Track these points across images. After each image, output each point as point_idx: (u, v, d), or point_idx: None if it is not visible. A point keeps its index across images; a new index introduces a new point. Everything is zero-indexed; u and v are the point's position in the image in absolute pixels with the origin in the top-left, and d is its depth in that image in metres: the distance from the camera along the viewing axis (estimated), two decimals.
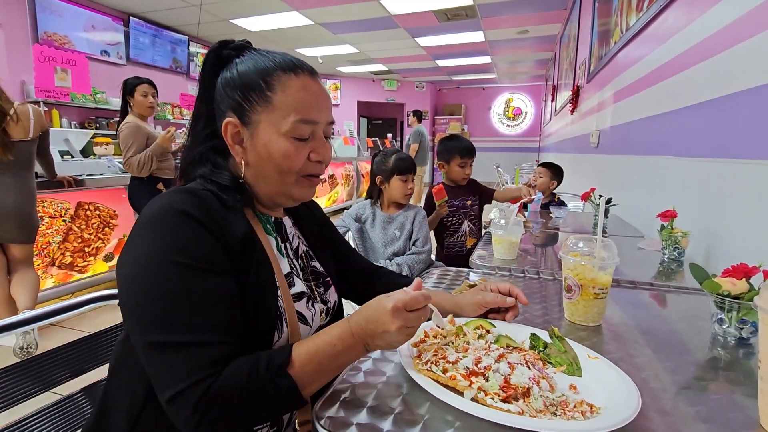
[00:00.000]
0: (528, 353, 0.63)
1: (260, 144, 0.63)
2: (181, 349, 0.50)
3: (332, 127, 0.70)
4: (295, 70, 0.64)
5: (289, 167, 0.64)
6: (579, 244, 0.82)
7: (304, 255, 0.76)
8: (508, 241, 1.25)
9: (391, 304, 0.53)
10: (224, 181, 0.63)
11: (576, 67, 4.65)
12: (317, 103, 0.65)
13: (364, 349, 0.56)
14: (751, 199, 1.11)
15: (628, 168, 2.33)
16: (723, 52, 1.30)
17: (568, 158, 4.97)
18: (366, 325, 0.55)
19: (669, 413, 0.53)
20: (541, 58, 8.42)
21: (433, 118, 11.47)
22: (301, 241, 0.77)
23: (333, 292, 0.78)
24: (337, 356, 0.55)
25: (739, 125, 1.19)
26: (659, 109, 1.84)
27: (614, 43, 2.81)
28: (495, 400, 0.50)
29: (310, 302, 0.70)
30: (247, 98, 0.63)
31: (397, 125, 11.99)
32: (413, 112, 6.77)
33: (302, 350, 0.55)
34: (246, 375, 0.51)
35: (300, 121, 0.63)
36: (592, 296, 0.78)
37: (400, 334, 0.54)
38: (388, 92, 11.05)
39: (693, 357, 0.69)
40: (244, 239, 0.60)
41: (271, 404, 0.52)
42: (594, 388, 0.55)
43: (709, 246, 1.29)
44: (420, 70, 9.76)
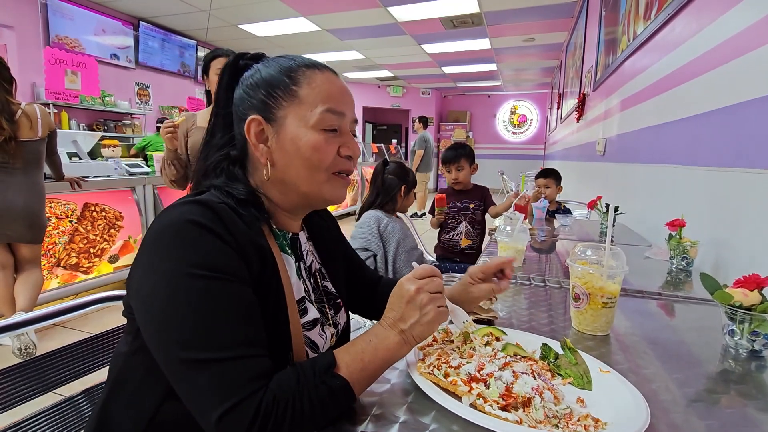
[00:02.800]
0: (536, 363, 0.62)
1: (287, 140, 0.61)
2: (221, 365, 0.47)
3: (355, 124, 0.67)
4: (319, 66, 0.64)
5: (319, 161, 0.61)
6: (587, 252, 0.81)
7: (318, 274, 0.73)
8: (514, 248, 1.24)
9: (403, 279, 0.57)
10: (240, 194, 0.60)
11: (582, 75, 4.65)
12: (343, 96, 0.64)
13: (401, 339, 0.55)
14: (761, 209, 1.10)
15: (634, 176, 2.31)
16: (731, 62, 1.29)
17: (574, 166, 4.95)
18: (391, 312, 0.57)
19: (679, 427, 0.52)
20: (546, 65, 8.43)
21: (438, 125, 11.49)
22: (315, 259, 0.74)
23: (343, 314, 0.76)
24: (376, 351, 0.54)
25: (747, 135, 1.18)
26: (666, 118, 1.83)
27: (621, 52, 2.80)
28: (494, 407, 0.49)
29: (322, 327, 0.68)
30: (271, 95, 0.61)
31: (402, 131, 12.03)
32: (419, 118, 6.78)
33: (342, 353, 0.54)
34: (296, 382, 0.49)
35: (328, 111, 0.61)
36: (600, 305, 0.77)
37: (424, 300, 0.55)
38: (393, 98, 11.10)
39: (703, 369, 0.68)
40: (263, 255, 0.57)
41: (327, 406, 0.50)
42: (603, 402, 0.54)
43: (718, 256, 1.27)
44: (426, 77, 9.80)
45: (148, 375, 0.56)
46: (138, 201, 3.15)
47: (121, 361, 0.60)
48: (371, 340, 0.55)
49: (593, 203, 1.95)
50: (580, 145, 4.59)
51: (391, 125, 12.25)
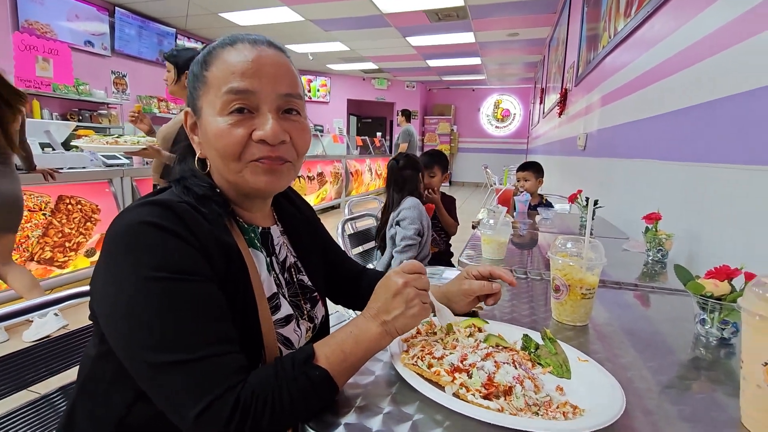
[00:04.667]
0: (517, 353, 0.63)
1: (204, 130, 0.59)
2: (194, 365, 0.46)
3: (295, 102, 0.60)
4: (234, 42, 0.58)
5: (225, 150, 0.56)
6: (567, 245, 0.82)
7: (293, 268, 0.72)
8: (496, 242, 1.26)
9: (391, 272, 0.57)
10: (200, 190, 0.58)
11: (564, 71, 4.71)
12: (255, 70, 0.56)
13: (383, 330, 0.54)
14: (732, 203, 1.14)
15: (613, 171, 2.37)
16: (705, 60, 1.32)
17: (556, 160, 5.03)
18: (375, 303, 0.56)
19: (653, 412, 0.54)
20: (530, 60, 8.51)
21: (423, 118, 11.51)
22: (290, 252, 0.72)
23: (321, 308, 0.75)
24: (357, 341, 0.54)
25: (718, 131, 1.22)
26: (644, 114, 1.88)
27: (602, 48, 2.85)
28: (476, 396, 0.50)
29: (297, 323, 0.67)
30: (193, 84, 0.60)
31: (387, 124, 12.00)
32: (402, 112, 6.76)
33: (322, 345, 0.54)
34: (274, 375, 0.49)
35: (229, 92, 0.55)
36: (579, 296, 0.79)
37: (410, 295, 0.55)
38: (378, 91, 11.05)
39: (676, 357, 0.71)
40: (227, 252, 0.56)
41: (309, 398, 0.49)
42: (581, 390, 0.56)
43: (692, 248, 1.31)
44: (410, 70, 9.78)
45: (117, 378, 0.54)
46: (115, 193, 3.07)
47: (89, 363, 0.58)
48: (352, 331, 0.55)
49: (573, 197, 1.99)
50: (561, 140, 4.66)
51: (376, 118, 12.20)
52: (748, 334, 0.50)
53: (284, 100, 0.59)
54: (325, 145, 6.98)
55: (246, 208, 0.66)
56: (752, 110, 1.07)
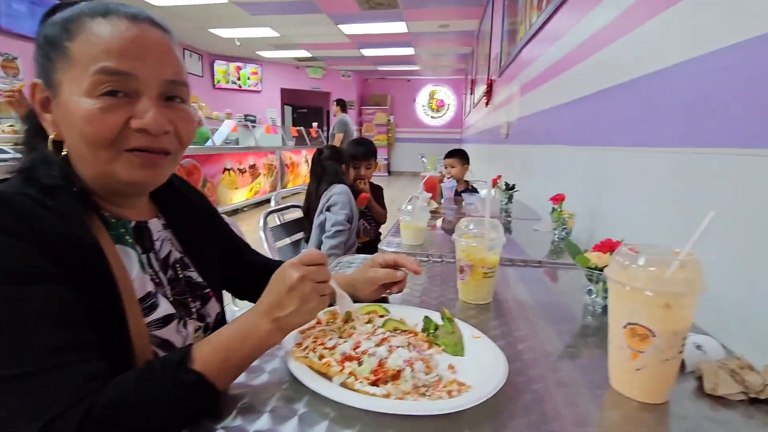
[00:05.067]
0: (416, 336, 0.64)
1: (64, 110, 0.51)
2: (32, 379, 0.41)
3: (181, 89, 0.56)
4: (107, 13, 0.51)
5: (95, 136, 0.50)
6: (470, 227, 0.84)
7: (178, 264, 0.66)
8: (414, 227, 1.27)
9: (288, 263, 0.53)
10: (48, 180, 0.50)
11: (490, 62, 4.91)
12: (137, 51, 0.51)
13: (275, 327, 0.51)
14: (621, 182, 1.25)
15: (531, 157, 2.51)
16: (600, 51, 1.43)
17: (485, 148, 5.25)
18: (268, 297, 0.52)
19: (536, 381, 0.56)
20: (461, 52, 8.77)
21: (360, 108, 11.45)
22: (174, 248, 0.66)
23: (214, 305, 0.70)
24: (244, 340, 0.50)
25: (613, 116, 1.33)
26: (555, 102, 2.00)
27: (520, 40, 2.99)
28: (364, 384, 0.49)
29: (181, 323, 0.61)
30: (47, 55, 0.52)
31: (324, 114, 11.78)
32: (337, 102, 6.67)
33: (203, 344, 0.49)
34: (136, 381, 0.44)
35: (101, 72, 0.49)
36: (481, 275, 0.81)
37: (306, 290, 0.51)
38: (313, 80, 10.78)
39: (567, 326, 0.75)
40: (82, 250, 0.49)
41: (179, 403, 0.44)
42: (470, 366, 0.57)
43: (592, 225, 1.42)
44: (345, 59, 9.65)
45: None
46: None
47: None
48: (239, 328, 0.51)
49: (494, 182, 2.08)
50: (488, 129, 4.87)
51: (312, 108, 11.92)
52: (611, 299, 0.53)
53: (168, 87, 0.54)
54: (257, 136, 6.69)
55: (114, 201, 0.58)
56: (639, 96, 1.17)
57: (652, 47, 1.08)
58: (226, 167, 5.17)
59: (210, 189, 4.84)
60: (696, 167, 0.89)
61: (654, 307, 0.48)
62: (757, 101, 0.71)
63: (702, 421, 0.49)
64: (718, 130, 0.82)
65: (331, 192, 1.92)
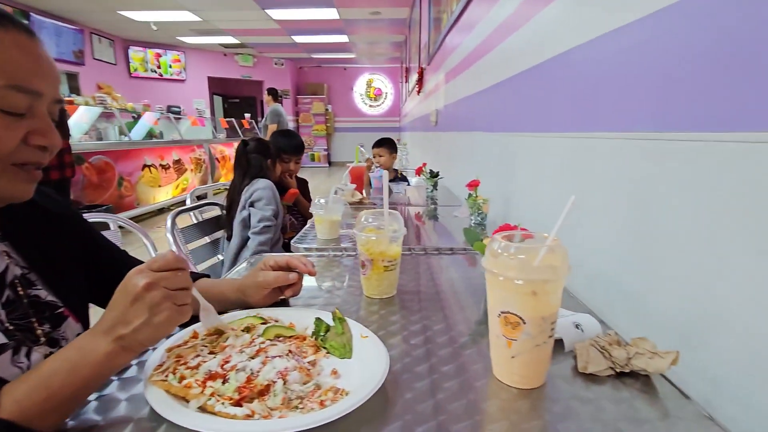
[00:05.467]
0: (302, 341, 0.60)
1: None
2: None
3: (59, 107, 0.54)
4: (3, 23, 0.48)
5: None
6: (369, 219, 0.81)
7: (19, 282, 0.57)
8: (328, 221, 1.22)
9: (134, 270, 0.47)
10: None
11: (420, 50, 4.94)
12: (40, 69, 0.50)
13: (118, 347, 0.44)
14: (528, 167, 1.29)
15: (455, 144, 2.56)
16: (508, 39, 1.46)
17: (418, 136, 5.32)
18: (110, 312, 0.45)
19: (421, 377, 0.55)
20: (395, 40, 8.76)
21: (296, 98, 11.09)
22: (14, 263, 0.57)
23: (73, 325, 0.61)
24: (75, 370, 0.43)
25: (519, 102, 1.36)
26: (472, 90, 2.04)
27: (444, 28, 3.02)
28: (225, 405, 0.44)
29: (21, 353, 0.52)
30: None
31: (257, 104, 11.25)
32: (268, 91, 6.38)
33: (19, 382, 0.42)
34: None
35: (12, 88, 0.47)
36: (382, 269, 0.79)
37: (156, 299, 0.45)
38: (243, 68, 10.24)
39: (464, 315, 0.75)
40: None
41: None
42: (354, 369, 0.54)
43: (506, 210, 1.47)
44: (276, 46, 9.24)
45: None
46: None
47: None
48: (69, 357, 0.44)
49: (419, 170, 2.09)
50: (421, 117, 4.93)
51: (244, 98, 11.34)
52: (489, 290, 0.53)
53: (55, 107, 0.53)
54: (183, 129, 6.23)
55: None
56: (538, 83, 1.20)
57: (548, 35, 1.12)
58: (145, 164, 4.76)
59: (128, 188, 4.44)
60: (585, 151, 0.92)
61: (522, 294, 0.48)
62: (637, 86, 0.75)
63: (572, 401, 0.50)
64: (603, 115, 0.85)
65: (253, 187, 1.81)
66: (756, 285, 0.50)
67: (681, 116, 0.62)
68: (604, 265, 0.83)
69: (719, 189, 0.55)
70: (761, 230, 0.49)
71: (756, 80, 0.49)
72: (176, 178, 5.43)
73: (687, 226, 0.61)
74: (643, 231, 0.72)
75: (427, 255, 1.13)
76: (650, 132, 0.69)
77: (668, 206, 0.65)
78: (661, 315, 0.67)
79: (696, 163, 0.59)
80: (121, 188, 4.33)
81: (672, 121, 0.64)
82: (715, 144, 0.55)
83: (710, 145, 0.56)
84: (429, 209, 1.86)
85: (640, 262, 0.73)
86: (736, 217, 0.52)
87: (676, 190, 0.63)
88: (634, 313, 0.74)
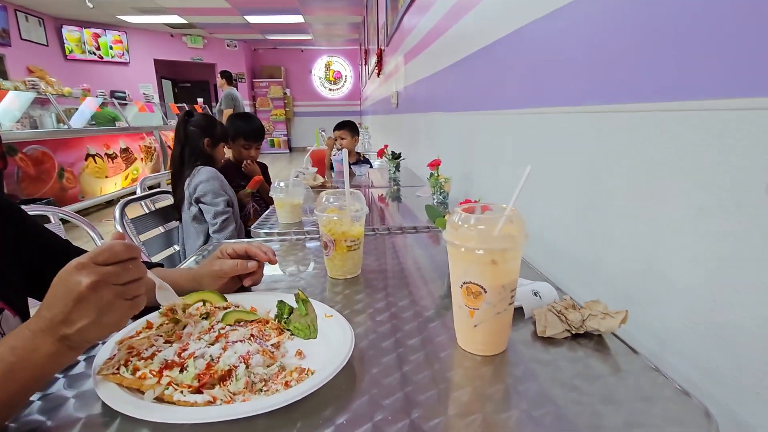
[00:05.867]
0: (265, 324, 0.58)
1: None
2: None
3: None
4: None
5: None
6: (330, 200, 0.80)
7: None
8: (289, 204, 1.19)
9: (74, 263, 0.41)
10: None
11: (378, 31, 4.86)
12: None
13: (63, 346, 0.41)
14: (486, 144, 1.31)
15: (416, 125, 2.56)
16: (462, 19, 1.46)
17: (380, 119, 5.28)
18: (49, 310, 0.41)
19: (387, 352, 0.55)
20: (352, 21, 8.57)
21: (252, 81, 10.67)
22: None
23: (10, 318, 0.56)
24: (13, 371, 0.39)
25: (475, 82, 1.38)
26: (431, 70, 2.03)
27: (401, 8, 2.98)
28: (184, 393, 0.42)
29: None
30: None
31: (211, 89, 10.73)
32: (222, 74, 6.07)
33: None
34: None
35: None
36: (345, 249, 0.78)
37: (104, 298, 0.41)
38: (193, 50, 9.68)
39: (428, 290, 0.76)
40: None
41: None
42: (320, 348, 0.53)
43: (467, 188, 1.49)
44: (228, 26, 8.79)
45: None
46: None
47: None
48: (4, 358, 0.40)
49: (381, 152, 2.08)
50: (382, 99, 4.89)
51: (196, 82, 10.76)
52: (451, 262, 0.53)
53: None
54: (129, 116, 5.83)
55: None
56: (490, 62, 1.21)
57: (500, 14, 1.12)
58: (89, 153, 4.43)
59: (70, 179, 4.12)
60: (538, 126, 0.95)
61: (483, 264, 0.49)
62: (584, 61, 0.77)
63: (531, 364, 0.52)
64: (554, 91, 0.87)
65: (195, 181, 1.62)
66: (693, 241, 0.53)
67: (625, 88, 0.64)
68: (559, 235, 0.87)
69: (661, 154, 0.58)
70: (699, 188, 0.52)
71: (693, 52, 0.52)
72: (125, 168, 5.11)
73: (633, 192, 0.64)
74: (593, 200, 0.75)
75: (391, 234, 1.13)
76: (597, 105, 0.72)
77: (616, 175, 0.68)
78: (612, 278, 0.70)
79: (640, 132, 0.62)
80: (63, 180, 4.02)
81: (617, 93, 0.66)
82: (657, 113, 0.58)
83: (653, 114, 0.59)
84: (392, 191, 1.86)
85: (591, 230, 0.76)
86: (677, 179, 0.56)
87: (622, 159, 0.66)
88: (588, 278, 0.77)
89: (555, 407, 0.44)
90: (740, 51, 0.46)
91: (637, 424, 0.41)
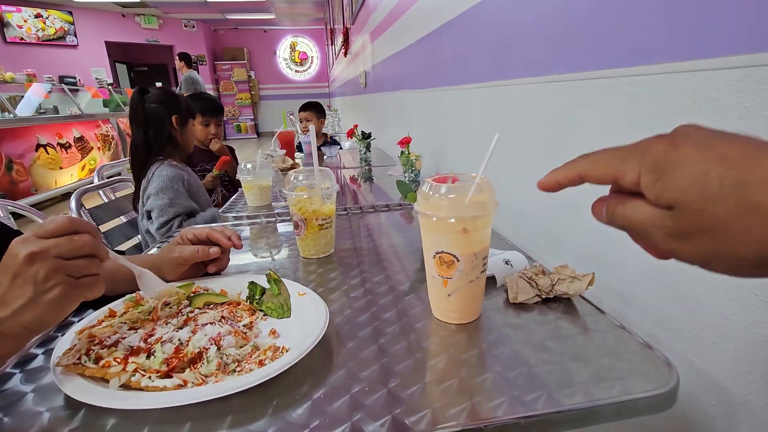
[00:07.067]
0: (236, 306, 0.57)
1: None
2: None
3: None
4: None
5: None
6: (299, 178, 0.78)
7: None
8: (258, 186, 1.16)
9: (17, 239, 0.39)
10: None
11: (343, 9, 4.73)
12: None
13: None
14: (454, 120, 1.31)
15: (385, 104, 2.53)
16: None
17: (349, 100, 5.19)
18: None
19: (362, 327, 0.55)
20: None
21: (214, 64, 10.21)
22: None
23: None
24: None
25: (442, 57, 1.36)
26: (398, 48, 2.00)
27: None
28: (152, 378, 0.41)
29: None
30: None
31: (170, 72, 10.20)
32: (180, 56, 5.78)
33: None
34: None
35: None
36: (317, 228, 0.77)
37: (42, 272, 0.38)
38: (147, 31, 9.13)
39: (402, 265, 0.76)
40: None
41: None
42: (294, 327, 0.53)
43: (438, 163, 1.50)
44: (184, 5, 8.31)
45: None
46: None
47: None
48: None
49: (351, 132, 2.05)
50: (350, 80, 4.79)
51: (154, 66, 10.21)
52: (422, 232, 0.53)
53: None
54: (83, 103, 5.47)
55: None
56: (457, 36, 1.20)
57: None
58: (39, 143, 4.15)
59: (20, 172, 3.86)
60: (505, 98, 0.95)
61: (455, 233, 0.49)
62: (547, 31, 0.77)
63: (504, 329, 0.53)
64: (519, 62, 0.87)
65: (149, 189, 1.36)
66: None
67: (590, 56, 0.65)
68: (528, 205, 0.88)
69: (625, 120, 0.59)
70: None
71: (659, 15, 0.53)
72: (81, 159, 4.83)
73: None
74: None
75: (363, 213, 1.12)
76: (563, 74, 0.72)
77: (582, 143, 0.69)
78: (579, 243, 0.72)
79: (606, 99, 0.63)
80: (12, 173, 3.75)
81: (582, 61, 0.67)
82: (623, 78, 0.59)
83: (619, 80, 0.60)
84: (363, 171, 1.84)
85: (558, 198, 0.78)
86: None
87: (588, 127, 0.68)
88: (556, 245, 0.80)
89: (527, 367, 0.45)
90: (694, 13, 0.47)
91: (605, 378, 0.43)
